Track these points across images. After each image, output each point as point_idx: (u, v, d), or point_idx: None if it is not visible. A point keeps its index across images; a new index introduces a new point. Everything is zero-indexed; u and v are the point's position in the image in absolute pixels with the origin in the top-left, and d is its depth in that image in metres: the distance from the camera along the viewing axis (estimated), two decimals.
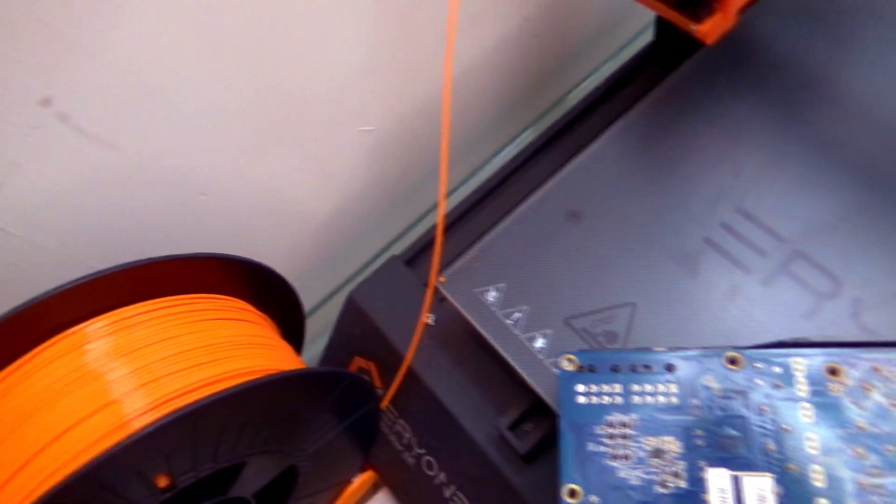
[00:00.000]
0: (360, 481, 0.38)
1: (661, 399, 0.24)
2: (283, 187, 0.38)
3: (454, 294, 0.31)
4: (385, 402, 0.35)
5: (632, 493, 0.23)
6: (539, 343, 0.29)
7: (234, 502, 0.30)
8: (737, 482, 0.22)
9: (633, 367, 0.25)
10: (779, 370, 0.23)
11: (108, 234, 0.32)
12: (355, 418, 0.33)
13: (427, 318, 0.35)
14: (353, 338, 0.37)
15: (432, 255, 0.30)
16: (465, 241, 0.36)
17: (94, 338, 0.27)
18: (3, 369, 0.27)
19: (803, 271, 0.28)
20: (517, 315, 0.30)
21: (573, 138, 0.38)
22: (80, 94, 0.27)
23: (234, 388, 0.25)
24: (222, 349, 0.29)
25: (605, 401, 0.25)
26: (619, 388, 0.25)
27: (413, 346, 0.34)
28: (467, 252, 0.32)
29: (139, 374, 0.27)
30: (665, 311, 0.29)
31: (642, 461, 0.23)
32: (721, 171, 0.31)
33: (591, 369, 0.25)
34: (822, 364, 0.23)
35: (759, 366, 0.23)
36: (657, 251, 0.30)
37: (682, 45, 0.34)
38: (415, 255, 0.38)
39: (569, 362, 0.26)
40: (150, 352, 0.27)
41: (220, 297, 0.31)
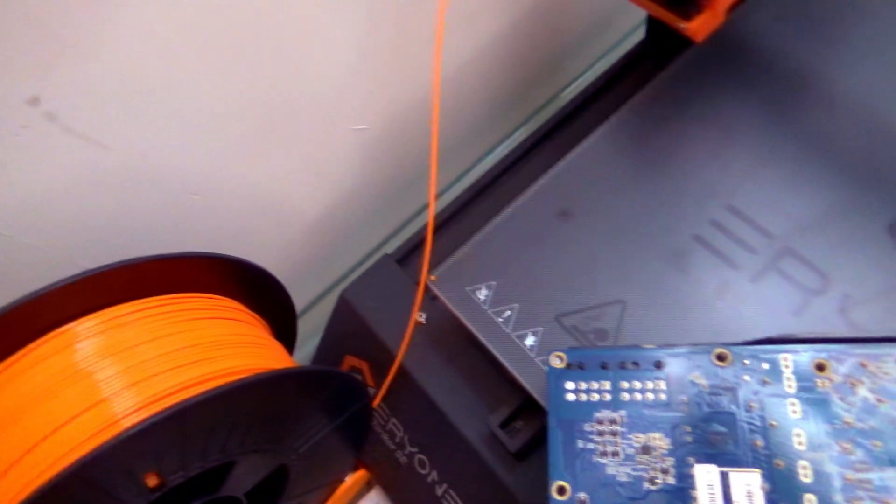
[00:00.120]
0: (353, 480, 0.38)
1: (650, 396, 0.24)
2: (275, 186, 0.38)
3: (445, 292, 0.31)
4: (377, 401, 0.35)
5: (620, 489, 0.23)
6: (529, 341, 0.29)
7: (226, 501, 0.30)
8: (725, 478, 0.22)
9: (622, 364, 0.25)
10: (767, 366, 0.23)
11: (97, 234, 0.32)
12: (346, 417, 0.33)
13: (419, 316, 0.35)
14: (345, 337, 0.37)
15: (424, 254, 0.30)
16: (457, 239, 0.35)
17: (84, 337, 0.27)
18: None
19: (792, 268, 0.28)
20: (508, 313, 0.30)
21: (564, 137, 0.38)
22: (69, 94, 0.27)
23: (222, 386, 0.25)
24: (213, 348, 0.29)
25: (593, 398, 0.25)
26: (607, 385, 0.25)
27: (404, 344, 0.34)
28: (458, 250, 0.32)
29: (129, 373, 0.27)
30: (655, 309, 0.29)
31: (631, 458, 0.23)
32: (710, 169, 0.31)
33: (581, 366, 0.25)
34: (809, 360, 0.23)
35: (747, 362, 0.23)
36: (647, 248, 0.30)
37: (673, 43, 0.34)
38: (407, 254, 0.38)
39: (558, 359, 0.26)
40: (139, 351, 0.27)
41: (211, 296, 0.31)
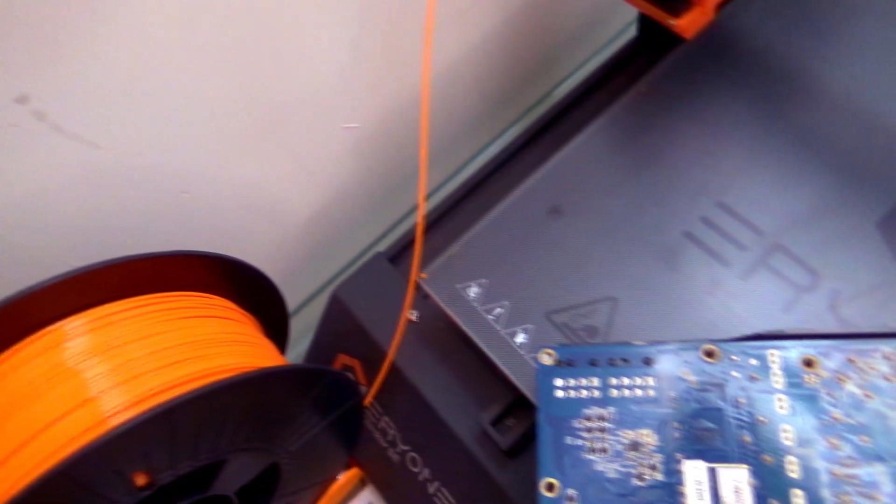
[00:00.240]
0: (346, 478, 0.38)
1: (639, 392, 0.24)
2: (267, 185, 0.38)
3: (436, 290, 0.31)
4: (369, 399, 0.35)
5: (609, 485, 0.23)
6: (520, 338, 0.29)
7: (217, 500, 0.30)
8: (713, 474, 0.22)
9: (611, 361, 0.25)
10: (755, 362, 0.23)
11: (87, 233, 0.32)
12: (338, 416, 0.33)
13: (411, 314, 0.35)
14: (337, 335, 0.37)
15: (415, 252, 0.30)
16: (449, 237, 0.35)
17: (73, 335, 0.27)
18: None
19: (782, 265, 0.28)
20: (498, 310, 0.30)
21: (556, 135, 0.38)
22: (58, 92, 0.27)
23: (211, 385, 0.25)
24: (203, 346, 0.29)
25: (583, 394, 0.25)
26: (596, 382, 0.25)
27: (395, 342, 0.34)
28: (449, 248, 0.32)
29: (118, 371, 0.27)
30: (645, 306, 0.29)
31: (620, 454, 0.23)
32: (701, 166, 0.31)
33: (570, 363, 0.25)
34: (797, 356, 0.23)
35: (736, 358, 0.23)
36: (638, 245, 0.30)
37: (665, 41, 0.34)
38: (399, 252, 0.38)
39: (547, 356, 0.26)
40: (128, 349, 0.27)
41: (202, 294, 0.31)
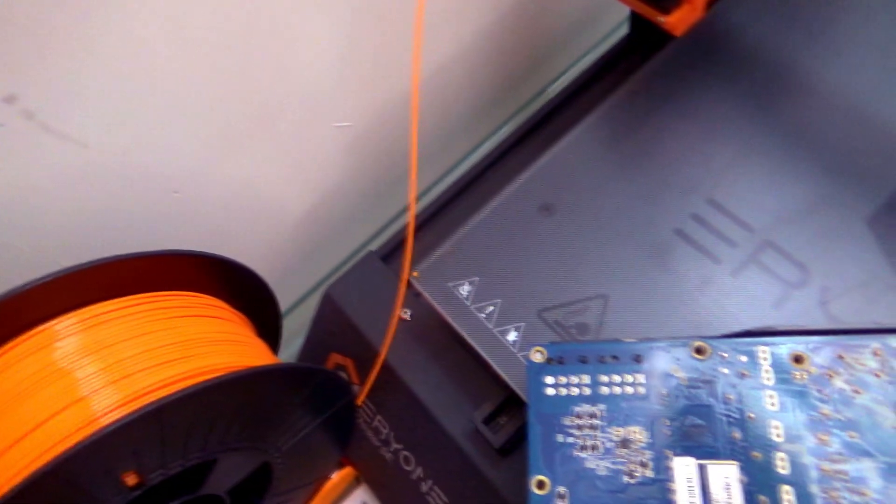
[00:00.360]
0: (340, 477, 0.38)
1: (629, 389, 0.24)
2: (259, 184, 0.38)
3: (427, 288, 0.31)
4: (361, 398, 0.35)
5: (599, 483, 0.23)
6: (512, 336, 0.29)
7: (209, 500, 0.30)
8: (702, 470, 0.22)
9: (601, 358, 0.25)
10: (744, 359, 0.23)
11: (78, 232, 0.32)
12: (330, 415, 0.33)
13: (403, 313, 0.35)
14: (329, 334, 0.37)
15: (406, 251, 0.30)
16: (441, 236, 0.35)
17: (64, 335, 0.27)
18: None
19: (773, 261, 0.28)
20: (490, 308, 0.30)
21: (547, 133, 0.38)
22: (47, 92, 0.27)
23: (201, 384, 0.25)
24: (194, 346, 0.29)
25: (573, 392, 0.25)
26: (587, 379, 0.25)
27: (387, 341, 0.34)
28: (440, 247, 0.32)
29: (109, 371, 0.26)
30: (637, 303, 0.29)
31: (610, 451, 0.23)
32: (692, 163, 0.31)
33: (560, 361, 0.25)
34: (787, 352, 0.23)
35: (726, 355, 0.23)
36: (629, 243, 0.30)
37: (657, 39, 0.34)
38: (391, 251, 0.38)
39: (538, 354, 0.26)
40: (120, 349, 0.27)
41: (193, 294, 0.31)
